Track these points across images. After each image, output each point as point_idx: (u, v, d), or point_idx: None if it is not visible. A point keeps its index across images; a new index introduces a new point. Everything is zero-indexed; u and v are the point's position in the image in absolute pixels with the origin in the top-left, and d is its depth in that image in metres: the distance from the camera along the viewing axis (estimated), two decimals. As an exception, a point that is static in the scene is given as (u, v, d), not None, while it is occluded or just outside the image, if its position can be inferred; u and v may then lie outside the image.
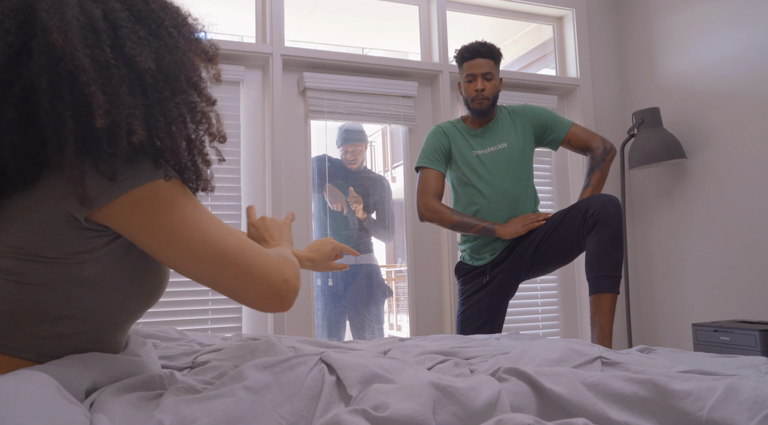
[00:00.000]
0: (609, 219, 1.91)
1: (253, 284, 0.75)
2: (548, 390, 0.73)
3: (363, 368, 0.75)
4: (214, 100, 0.83)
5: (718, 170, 2.69)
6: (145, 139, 0.71)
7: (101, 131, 0.68)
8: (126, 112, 0.69)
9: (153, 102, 0.73)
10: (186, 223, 0.73)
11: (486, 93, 2.21)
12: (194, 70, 0.79)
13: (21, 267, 0.70)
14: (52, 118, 0.67)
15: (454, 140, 2.28)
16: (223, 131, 0.84)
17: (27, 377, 0.60)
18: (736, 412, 0.68)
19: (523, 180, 2.23)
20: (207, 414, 0.62)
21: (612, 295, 1.90)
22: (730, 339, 2.18)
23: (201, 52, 0.83)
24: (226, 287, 0.75)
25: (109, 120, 0.68)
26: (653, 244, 3.04)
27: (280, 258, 0.81)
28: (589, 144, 2.24)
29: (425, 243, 2.87)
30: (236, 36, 3.09)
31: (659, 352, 1.22)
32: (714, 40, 2.71)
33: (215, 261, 0.73)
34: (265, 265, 0.76)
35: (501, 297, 2.21)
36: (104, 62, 0.69)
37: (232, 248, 0.74)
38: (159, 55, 0.74)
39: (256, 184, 2.61)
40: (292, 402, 0.68)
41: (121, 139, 0.69)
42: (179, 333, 1.30)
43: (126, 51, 0.71)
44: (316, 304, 2.78)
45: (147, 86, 0.72)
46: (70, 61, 0.67)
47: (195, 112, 0.79)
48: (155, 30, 0.76)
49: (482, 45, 2.25)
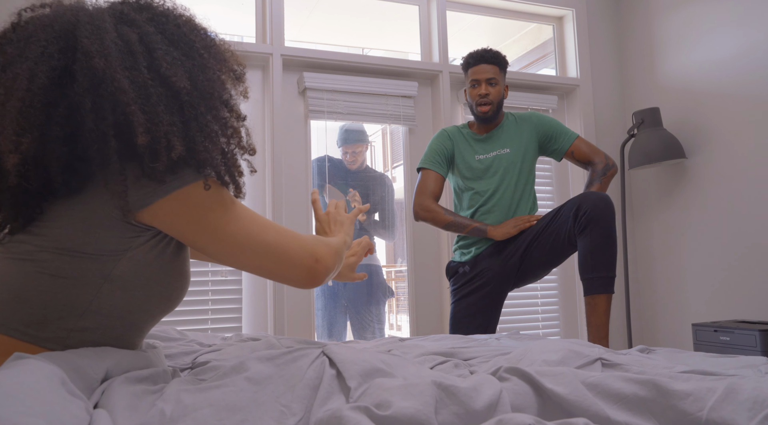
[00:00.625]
0: (601, 218, 1.89)
1: (290, 267, 0.85)
2: (549, 390, 0.73)
3: (364, 362, 0.75)
4: (244, 116, 0.88)
5: (718, 170, 2.70)
6: (184, 154, 0.75)
7: (142, 148, 0.73)
8: (165, 129, 0.74)
9: (189, 118, 0.77)
10: (229, 219, 0.80)
11: (490, 97, 2.21)
12: (224, 88, 0.85)
13: (58, 261, 0.75)
14: (96, 137, 0.73)
15: (457, 145, 2.28)
16: (253, 144, 0.89)
17: (28, 370, 0.59)
18: (736, 412, 0.68)
19: (523, 185, 2.23)
20: (208, 403, 0.63)
21: (606, 296, 1.89)
22: (730, 339, 2.18)
23: (230, 70, 0.88)
24: (268, 272, 0.85)
25: (149, 137, 0.72)
26: (653, 244, 3.04)
27: (315, 240, 0.90)
28: (591, 158, 2.23)
29: (425, 243, 2.87)
30: (236, 36, 3.09)
31: (659, 352, 1.22)
32: (714, 40, 2.71)
33: (258, 252, 0.82)
34: (298, 250, 0.86)
35: (493, 303, 2.18)
36: (142, 83, 0.74)
37: (272, 239, 0.84)
38: (192, 75, 0.79)
39: (256, 184, 2.61)
40: (294, 391, 0.69)
41: (162, 155, 0.73)
42: (179, 333, 1.30)
43: (162, 72, 0.76)
44: (317, 304, 2.78)
45: (183, 104, 0.77)
46: (111, 82, 0.72)
47: (227, 128, 0.84)
48: (188, 51, 0.81)
49: (487, 51, 2.25)
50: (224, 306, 2.49)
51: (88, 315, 0.77)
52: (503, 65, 2.27)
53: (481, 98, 2.22)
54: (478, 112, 2.23)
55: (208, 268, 2.48)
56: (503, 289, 2.19)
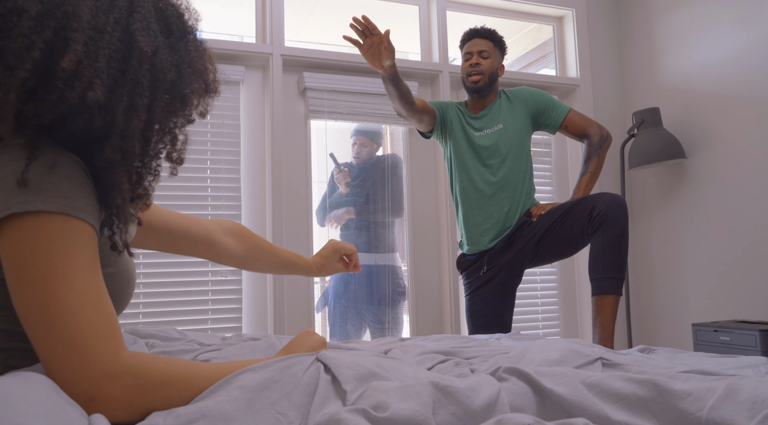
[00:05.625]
0: (615, 219, 1.91)
1: (70, 374, 0.62)
2: (548, 390, 0.73)
3: (359, 366, 0.75)
4: (191, 120, 0.80)
5: (718, 170, 2.69)
6: (101, 99, 0.66)
7: (62, 72, 0.65)
8: (93, 70, 0.66)
9: (126, 81, 0.69)
10: (42, 272, 0.63)
11: (481, 68, 2.22)
12: (186, 82, 0.77)
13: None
14: (22, 44, 0.64)
15: (454, 115, 2.30)
16: (183, 155, 0.80)
17: (27, 377, 0.60)
18: (736, 412, 0.68)
19: (518, 161, 2.24)
20: (202, 414, 0.62)
21: (614, 297, 1.90)
22: (730, 339, 2.18)
23: (202, 80, 0.81)
24: (50, 362, 0.63)
25: (75, 66, 0.65)
26: (653, 244, 3.04)
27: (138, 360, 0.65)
28: (586, 130, 2.25)
29: (425, 242, 2.87)
30: (236, 36, 3.10)
31: (659, 352, 1.22)
32: (714, 40, 2.71)
33: (44, 327, 0.63)
34: (86, 353, 0.62)
35: (506, 291, 2.20)
36: (101, 25, 0.68)
37: (70, 322, 0.62)
38: (158, 48, 0.72)
39: (256, 184, 2.61)
40: (290, 398, 0.68)
41: (77, 90, 0.65)
42: (179, 333, 1.30)
43: (129, 27, 0.70)
44: (331, 305, 2.75)
45: (129, 66, 0.70)
46: (72, 4, 0.66)
47: (168, 118, 0.76)
48: (170, 32, 0.75)
49: (481, 27, 2.28)
50: (224, 306, 2.49)
51: (18, 337, 0.68)
52: (498, 41, 2.28)
53: (472, 68, 2.23)
54: (469, 82, 2.24)
55: (208, 268, 2.48)
56: (515, 278, 2.22)
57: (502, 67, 2.30)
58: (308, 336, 0.90)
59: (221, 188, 2.53)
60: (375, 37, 1.92)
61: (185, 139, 0.80)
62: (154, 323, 2.32)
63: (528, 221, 2.17)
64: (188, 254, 1.22)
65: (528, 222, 2.16)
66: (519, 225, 2.18)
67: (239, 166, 2.59)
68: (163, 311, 2.37)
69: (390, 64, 1.98)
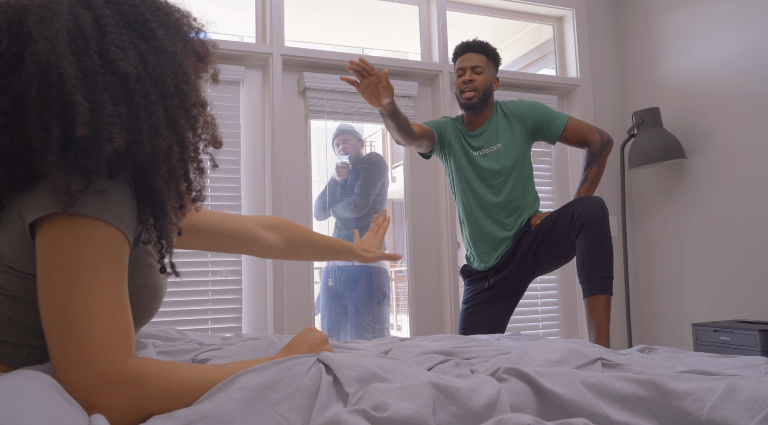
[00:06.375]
0: (593, 221, 1.94)
1: (78, 374, 0.63)
2: (548, 390, 0.73)
3: (360, 367, 0.74)
4: (205, 103, 0.80)
5: (718, 170, 2.69)
6: (124, 147, 0.68)
7: (82, 140, 0.67)
8: (108, 119, 0.68)
9: (138, 107, 0.71)
10: (69, 272, 0.65)
11: (474, 84, 2.19)
12: (184, 72, 0.76)
13: (2, 278, 0.70)
14: (39, 127, 0.67)
15: (453, 133, 2.29)
16: (219, 136, 0.81)
17: (27, 377, 0.60)
18: (736, 412, 0.68)
19: (521, 179, 2.23)
20: (202, 416, 0.62)
21: (605, 297, 1.92)
22: (730, 339, 2.18)
23: (192, 53, 0.80)
24: (58, 360, 0.64)
25: (90, 129, 0.67)
26: (653, 244, 3.04)
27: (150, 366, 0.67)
28: (586, 138, 2.24)
29: (425, 243, 2.87)
30: (236, 36, 3.09)
31: (659, 352, 1.22)
32: (714, 40, 2.71)
33: (59, 326, 0.64)
34: (94, 356, 0.63)
35: (507, 306, 2.24)
36: (90, 69, 0.68)
37: (84, 325, 0.64)
38: (144, 59, 0.72)
39: (256, 184, 2.61)
40: (291, 400, 0.67)
41: (103, 147, 0.67)
42: (179, 333, 1.30)
43: (110, 56, 0.70)
44: (321, 304, 2.77)
45: (132, 92, 0.71)
46: (56, 69, 0.66)
47: (187, 116, 0.76)
48: (143, 33, 0.74)
49: (474, 41, 2.25)
50: (224, 306, 2.49)
51: (43, 335, 0.69)
52: (491, 55, 2.25)
53: (465, 85, 2.20)
54: (463, 98, 2.22)
55: (208, 268, 2.48)
56: (518, 293, 2.25)
57: (496, 80, 2.28)
58: (310, 333, 0.90)
59: (221, 188, 2.53)
60: (373, 76, 1.88)
61: (212, 120, 0.81)
62: (154, 323, 2.32)
63: (527, 231, 2.17)
64: (230, 252, 1.25)
65: (527, 232, 2.17)
66: (520, 237, 2.18)
67: (239, 166, 2.59)
68: (163, 311, 2.37)
69: (389, 102, 1.96)
